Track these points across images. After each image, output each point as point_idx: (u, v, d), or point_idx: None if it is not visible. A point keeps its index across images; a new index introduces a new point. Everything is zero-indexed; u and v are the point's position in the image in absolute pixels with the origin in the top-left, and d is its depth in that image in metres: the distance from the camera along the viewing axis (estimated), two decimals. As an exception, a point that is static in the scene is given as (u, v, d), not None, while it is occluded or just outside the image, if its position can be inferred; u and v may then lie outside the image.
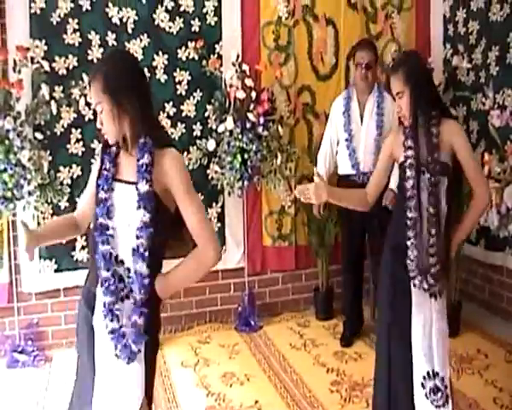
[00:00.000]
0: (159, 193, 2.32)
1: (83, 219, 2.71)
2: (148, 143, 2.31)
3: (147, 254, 2.29)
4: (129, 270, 2.33)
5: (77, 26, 4.85)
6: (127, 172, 2.38)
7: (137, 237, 2.29)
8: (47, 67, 4.67)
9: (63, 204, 4.89)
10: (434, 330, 3.10)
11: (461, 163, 3.06)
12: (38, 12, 4.74)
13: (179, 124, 5.22)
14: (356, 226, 4.86)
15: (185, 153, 5.24)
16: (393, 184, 4.52)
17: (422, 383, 3.06)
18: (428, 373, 3.05)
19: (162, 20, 5.11)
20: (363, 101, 4.85)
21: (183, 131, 5.24)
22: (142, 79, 2.43)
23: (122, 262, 2.34)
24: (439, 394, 3.03)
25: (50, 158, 4.79)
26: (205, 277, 5.33)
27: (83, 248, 4.98)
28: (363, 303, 5.20)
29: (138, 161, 2.32)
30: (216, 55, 5.26)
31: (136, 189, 2.30)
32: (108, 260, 2.32)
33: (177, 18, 5.15)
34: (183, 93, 5.22)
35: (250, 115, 4.98)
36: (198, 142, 5.27)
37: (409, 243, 3.05)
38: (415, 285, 3.07)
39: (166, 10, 5.11)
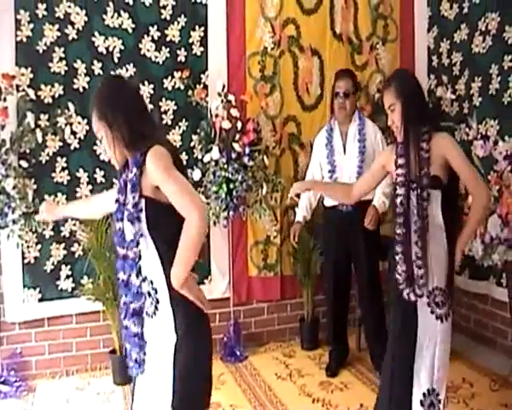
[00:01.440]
0: (152, 195, 2.36)
1: (103, 206, 2.98)
2: (139, 160, 2.34)
3: (136, 261, 2.41)
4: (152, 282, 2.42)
5: (63, 55, 4.87)
6: None
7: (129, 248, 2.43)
8: (32, 95, 4.67)
9: (48, 233, 4.86)
10: (438, 350, 3.15)
11: (457, 173, 3.10)
12: (24, 40, 4.75)
13: (165, 153, 5.21)
14: (341, 254, 4.84)
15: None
16: (376, 201, 4.56)
17: (421, 401, 3.09)
18: (428, 390, 3.11)
19: (148, 50, 5.13)
20: (344, 130, 4.84)
21: (169, 160, 5.23)
22: (130, 96, 2.51)
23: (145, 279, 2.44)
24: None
25: (35, 186, 4.77)
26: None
27: (67, 277, 4.95)
28: (347, 333, 5.18)
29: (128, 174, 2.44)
30: (202, 85, 5.28)
31: (126, 209, 2.40)
32: (125, 286, 2.44)
33: (163, 48, 5.17)
34: (169, 123, 5.23)
35: (236, 145, 4.99)
36: (184, 171, 5.26)
37: (397, 257, 3.11)
38: (406, 295, 3.13)
39: (152, 40, 5.14)
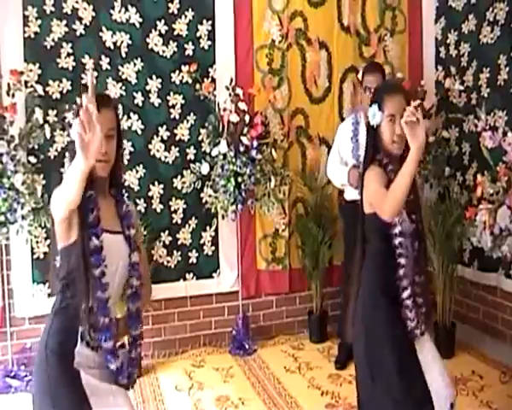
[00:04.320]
0: None
1: None
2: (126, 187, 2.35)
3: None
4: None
5: (71, 50, 4.88)
6: (108, 220, 2.41)
7: (132, 276, 2.45)
8: (41, 91, 4.68)
9: (57, 228, 4.87)
10: (433, 358, 3.02)
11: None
12: (32, 36, 4.76)
13: (173, 148, 5.24)
14: None
15: (179, 176, 5.26)
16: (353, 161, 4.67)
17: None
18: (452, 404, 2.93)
19: (156, 44, 5.14)
20: None
21: (177, 154, 5.25)
22: None
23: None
24: None
25: (44, 182, 4.78)
26: (199, 301, 5.34)
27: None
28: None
29: (123, 205, 2.46)
30: (209, 79, 5.28)
31: (127, 237, 2.44)
32: (105, 306, 2.34)
33: (171, 42, 5.17)
34: (177, 117, 5.24)
35: (244, 139, 4.99)
36: (192, 165, 5.27)
37: (406, 293, 2.86)
38: (417, 333, 2.90)
39: (160, 34, 5.14)
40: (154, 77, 5.15)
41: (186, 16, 5.21)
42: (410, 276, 2.88)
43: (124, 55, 5.04)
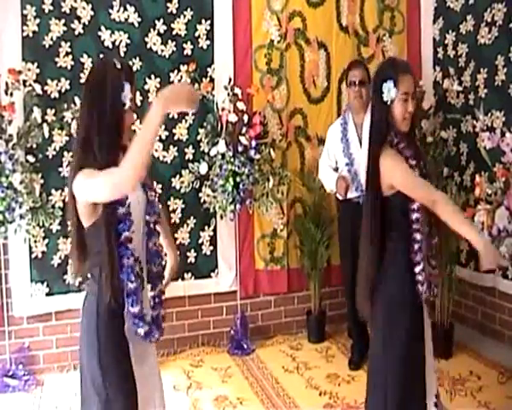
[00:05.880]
0: None
1: None
2: None
3: None
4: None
5: (69, 49, 4.87)
6: None
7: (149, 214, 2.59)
8: (39, 90, 4.67)
9: (55, 227, 4.88)
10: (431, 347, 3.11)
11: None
12: (31, 35, 4.76)
13: (171, 147, 5.24)
14: (357, 246, 4.75)
15: (177, 176, 5.26)
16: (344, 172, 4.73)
17: (436, 403, 3.05)
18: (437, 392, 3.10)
19: (154, 44, 5.13)
20: (359, 122, 4.83)
21: (176, 154, 5.25)
22: None
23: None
24: None
25: (42, 181, 4.78)
26: (197, 300, 5.35)
27: (74, 271, 4.97)
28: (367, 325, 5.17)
29: None
30: (208, 79, 5.28)
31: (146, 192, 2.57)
32: (132, 271, 2.44)
33: (170, 41, 5.17)
34: (175, 116, 5.23)
35: (242, 139, 5.00)
36: (190, 165, 5.27)
37: (418, 268, 2.97)
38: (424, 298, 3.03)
39: (159, 34, 5.14)
40: (152, 76, 5.14)
41: (185, 16, 5.21)
42: (423, 251, 2.96)
43: (122, 54, 5.03)
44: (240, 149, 5.00)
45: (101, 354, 2.42)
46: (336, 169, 4.94)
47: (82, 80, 4.88)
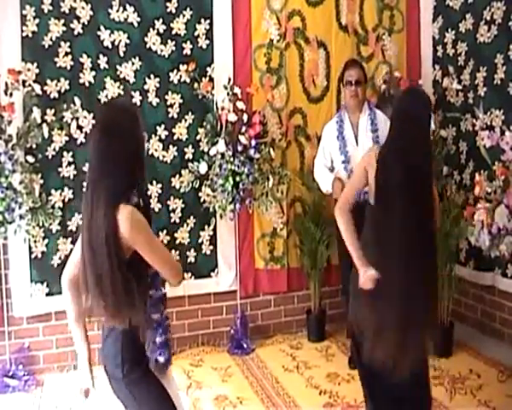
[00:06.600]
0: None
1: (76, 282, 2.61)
2: None
3: None
4: None
5: (69, 50, 4.87)
6: None
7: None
8: (38, 91, 4.66)
9: (55, 227, 4.88)
10: None
11: None
12: (30, 35, 4.75)
13: (171, 147, 5.23)
14: None
15: (177, 176, 5.26)
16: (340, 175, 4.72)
17: None
18: None
19: (154, 43, 5.13)
20: (355, 121, 4.84)
21: (175, 154, 5.25)
22: None
23: None
24: None
25: (42, 181, 4.78)
26: (197, 300, 5.34)
27: (74, 271, 4.96)
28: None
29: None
30: (208, 78, 5.28)
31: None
32: (160, 302, 2.66)
33: (169, 41, 5.17)
34: (175, 116, 5.23)
35: (242, 138, 4.99)
36: (190, 165, 5.27)
37: None
38: None
39: (158, 33, 5.14)
40: (152, 76, 5.14)
41: (184, 15, 5.21)
42: None
43: (122, 54, 5.04)
44: (239, 148, 5.00)
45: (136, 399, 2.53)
46: (332, 169, 4.93)
47: (81, 80, 4.90)
